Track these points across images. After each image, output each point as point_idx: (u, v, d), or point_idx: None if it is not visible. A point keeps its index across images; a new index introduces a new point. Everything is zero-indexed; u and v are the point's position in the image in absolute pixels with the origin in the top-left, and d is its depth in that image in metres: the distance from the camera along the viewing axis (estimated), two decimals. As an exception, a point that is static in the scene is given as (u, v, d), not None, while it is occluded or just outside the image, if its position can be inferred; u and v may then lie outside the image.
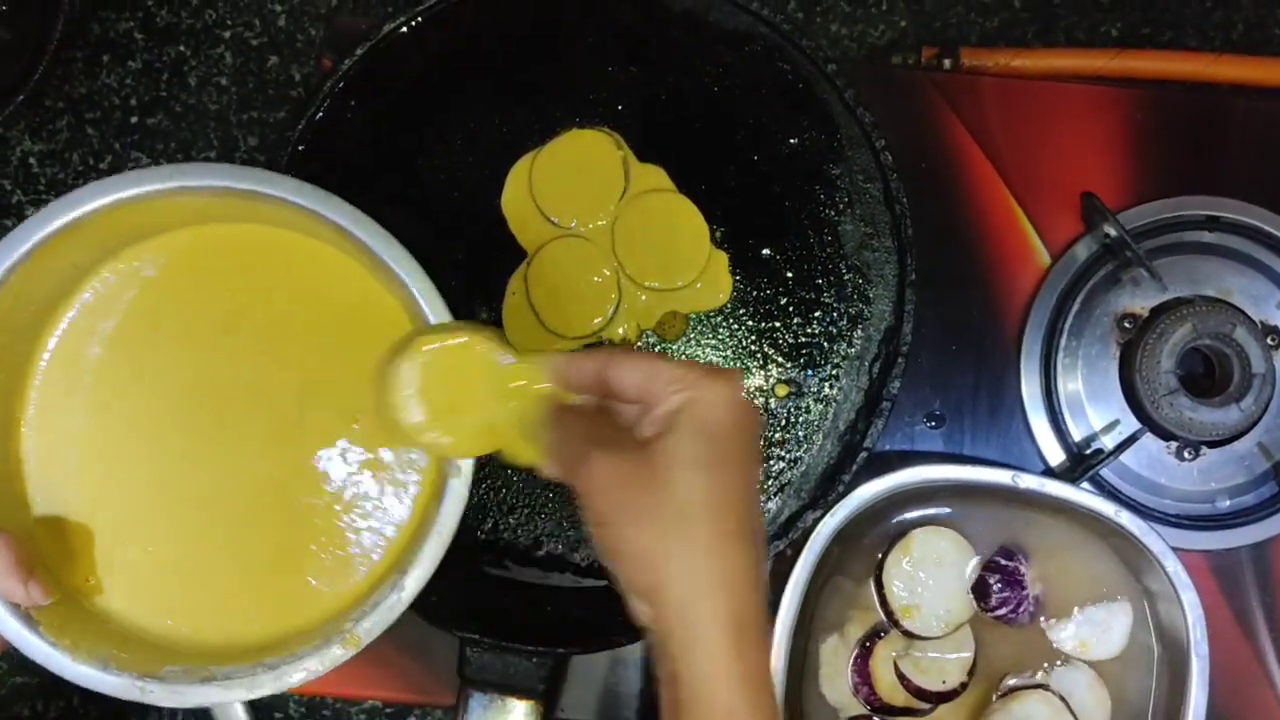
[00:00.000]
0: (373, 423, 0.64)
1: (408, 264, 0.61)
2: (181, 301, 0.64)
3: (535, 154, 0.73)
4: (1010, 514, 0.73)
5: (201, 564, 0.63)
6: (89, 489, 0.63)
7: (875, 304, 0.73)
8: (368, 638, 0.60)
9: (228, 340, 0.64)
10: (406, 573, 0.61)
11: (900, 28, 0.83)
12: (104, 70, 0.81)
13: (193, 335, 0.64)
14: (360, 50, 0.72)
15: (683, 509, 0.48)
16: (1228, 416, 0.73)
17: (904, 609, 0.71)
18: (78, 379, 0.63)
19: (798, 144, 0.73)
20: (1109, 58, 0.80)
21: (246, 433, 0.64)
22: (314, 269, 0.64)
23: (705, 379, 0.50)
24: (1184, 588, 0.68)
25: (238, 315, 0.64)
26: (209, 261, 0.64)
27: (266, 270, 0.64)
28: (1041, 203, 0.78)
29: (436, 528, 0.61)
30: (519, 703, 0.68)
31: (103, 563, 0.63)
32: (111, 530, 0.63)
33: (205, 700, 0.60)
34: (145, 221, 0.62)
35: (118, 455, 0.63)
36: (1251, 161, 0.78)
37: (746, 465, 0.50)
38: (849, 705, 0.72)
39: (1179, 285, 0.77)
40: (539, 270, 0.72)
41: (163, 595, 0.63)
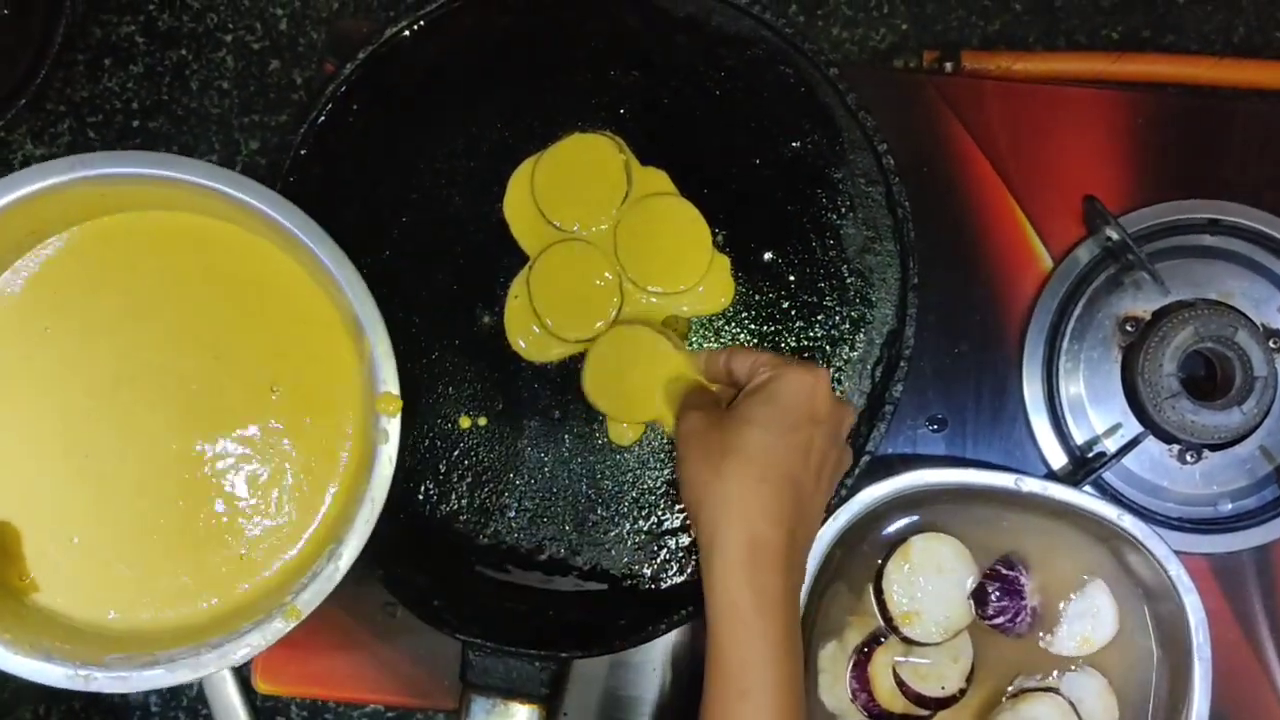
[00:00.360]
0: (292, 391, 0.66)
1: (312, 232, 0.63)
2: (87, 290, 0.65)
3: (537, 158, 0.73)
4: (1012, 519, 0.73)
5: (133, 551, 0.65)
6: (9, 486, 0.64)
7: (877, 308, 0.73)
8: (307, 608, 0.61)
9: (138, 324, 0.66)
10: (342, 541, 0.62)
11: (902, 31, 0.83)
12: (106, 74, 0.81)
13: (101, 322, 0.65)
14: (362, 54, 0.72)
15: (727, 450, 0.61)
16: (1230, 419, 0.73)
17: (903, 615, 0.71)
18: None
19: (800, 148, 0.73)
20: (1110, 61, 0.80)
21: (164, 414, 0.65)
22: (219, 248, 0.66)
23: (788, 365, 0.64)
24: (1186, 591, 0.68)
25: (145, 298, 0.66)
26: (114, 248, 0.66)
27: (171, 253, 0.66)
28: (1043, 206, 0.78)
29: (369, 494, 0.62)
30: (521, 707, 0.68)
31: (34, 560, 0.64)
32: (38, 526, 0.64)
33: (150, 684, 0.61)
34: (54, 215, 0.64)
35: (35, 450, 0.65)
36: (1253, 164, 0.78)
37: (798, 434, 0.61)
38: (848, 712, 0.72)
39: (1181, 288, 0.77)
40: (541, 274, 0.72)
41: (99, 587, 0.64)
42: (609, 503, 0.72)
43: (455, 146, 0.73)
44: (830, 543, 0.69)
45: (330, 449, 0.66)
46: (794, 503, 0.61)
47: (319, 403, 0.66)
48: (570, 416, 0.73)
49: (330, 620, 0.75)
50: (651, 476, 0.72)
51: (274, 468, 0.66)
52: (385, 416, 0.63)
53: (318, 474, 0.66)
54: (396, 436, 0.63)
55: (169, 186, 0.62)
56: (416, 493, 0.72)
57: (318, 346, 0.66)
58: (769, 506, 0.60)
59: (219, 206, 0.64)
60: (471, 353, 0.73)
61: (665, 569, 0.72)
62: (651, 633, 0.70)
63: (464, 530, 0.72)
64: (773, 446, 0.61)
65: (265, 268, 0.66)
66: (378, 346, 0.64)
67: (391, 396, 0.64)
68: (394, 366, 0.64)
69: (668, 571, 0.72)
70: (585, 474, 0.72)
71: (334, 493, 0.66)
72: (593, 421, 0.73)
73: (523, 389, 0.73)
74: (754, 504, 0.60)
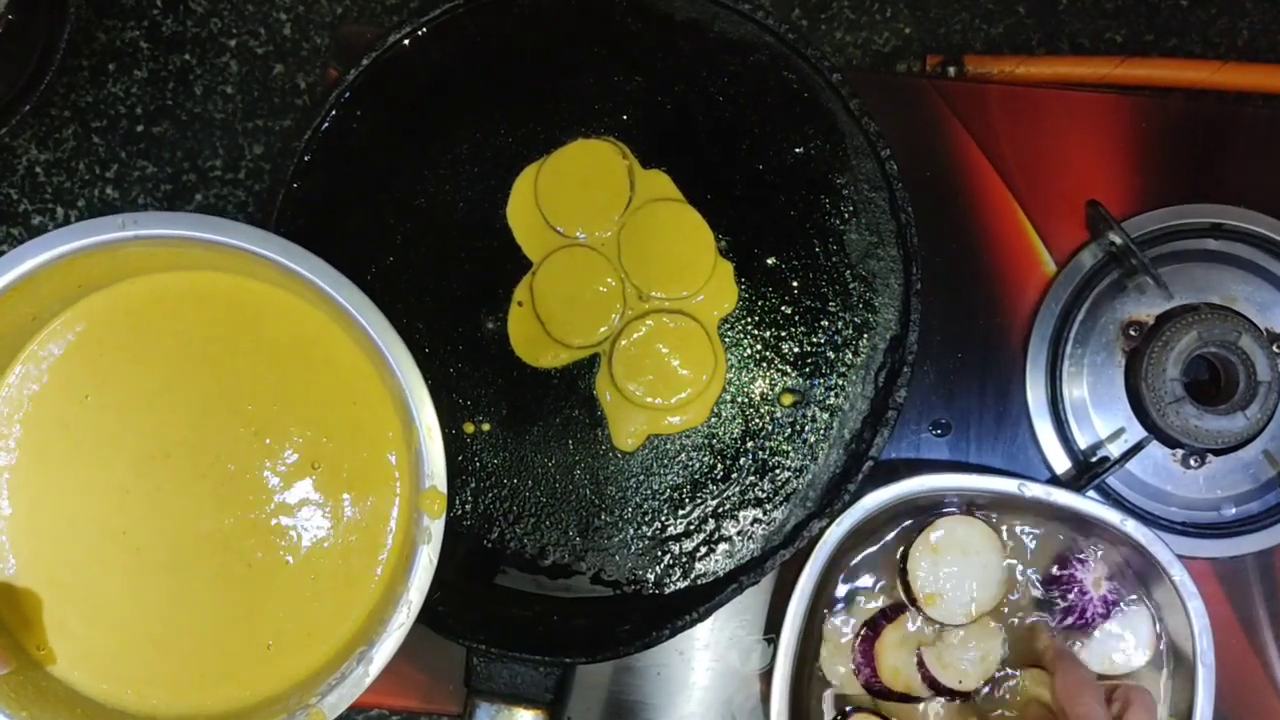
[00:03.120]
0: (333, 476, 0.62)
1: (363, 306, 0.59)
2: (130, 358, 0.62)
3: (540, 163, 0.73)
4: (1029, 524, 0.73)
5: (158, 630, 0.61)
6: (34, 552, 0.61)
7: (881, 313, 0.73)
8: (332, 713, 0.58)
9: (179, 395, 0.62)
10: (374, 644, 0.59)
11: (905, 35, 0.83)
12: (110, 79, 0.81)
13: (142, 393, 0.62)
14: (366, 60, 0.72)
15: None
16: (1233, 424, 0.73)
17: (927, 596, 0.71)
18: (12, 431, 0.61)
19: (803, 153, 0.73)
20: (1114, 65, 0.80)
21: (200, 491, 0.61)
22: (270, 315, 0.62)
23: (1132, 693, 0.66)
24: (1190, 595, 0.68)
25: (189, 368, 0.62)
26: (162, 310, 0.62)
27: (219, 320, 0.62)
28: (1047, 210, 0.78)
29: (406, 597, 0.59)
30: (525, 712, 0.69)
31: (53, 630, 0.60)
32: (62, 597, 0.61)
33: None
34: (102, 272, 0.60)
35: (64, 518, 0.61)
36: (1257, 168, 0.78)
37: None
38: (846, 685, 0.72)
39: (1184, 293, 0.76)
40: (544, 279, 0.72)
41: (119, 664, 0.61)
42: (613, 508, 0.72)
43: (459, 152, 0.73)
44: (834, 547, 0.69)
45: (370, 542, 0.62)
46: None
47: (361, 490, 0.62)
48: (574, 422, 0.73)
49: (335, 625, 0.75)
50: (655, 482, 0.72)
51: (309, 557, 0.62)
52: (428, 514, 0.59)
53: (355, 569, 0.62)
54: (440, 538, 0.59)
55: (220, 251, 0.59)
56: (420, 498, 0.72)
57: (365, 429, 0.62)
58: None
59: (271, 273, 0.60)
60: (475, 359, 0.73)
61: (669, 574, 0.72)
62: (655, 638, 0.70)
63: (468, 535, 0.72)
64: None
65: (316, 340, 0.62)
66: (425, 437, 0.59)
67: (437, 493, 0.59)
68: (443, 461, 0.59)
69: (671, 577, 0.72)
70: (589, 480, 0.72)
71: (370, 590, 0.62)
72: (596, 427, 0.73)
73: (526, 395, 0.73)
74: None
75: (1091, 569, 0.72)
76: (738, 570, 0.72)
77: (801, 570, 0.69)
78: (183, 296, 0.62)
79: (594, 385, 0.73)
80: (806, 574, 0.69)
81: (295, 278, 0.59)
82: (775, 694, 0.69)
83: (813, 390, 0.73)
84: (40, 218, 0.80)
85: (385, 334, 0.59)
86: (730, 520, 0.72)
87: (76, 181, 0.81)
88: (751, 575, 0.71)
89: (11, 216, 0.80)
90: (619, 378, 0.72)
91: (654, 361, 0.72)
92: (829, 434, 0.72)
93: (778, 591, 0.75)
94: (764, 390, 0.73)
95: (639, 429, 0.72)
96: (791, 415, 0.72)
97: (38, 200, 0.81)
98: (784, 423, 0.72)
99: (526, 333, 0.73)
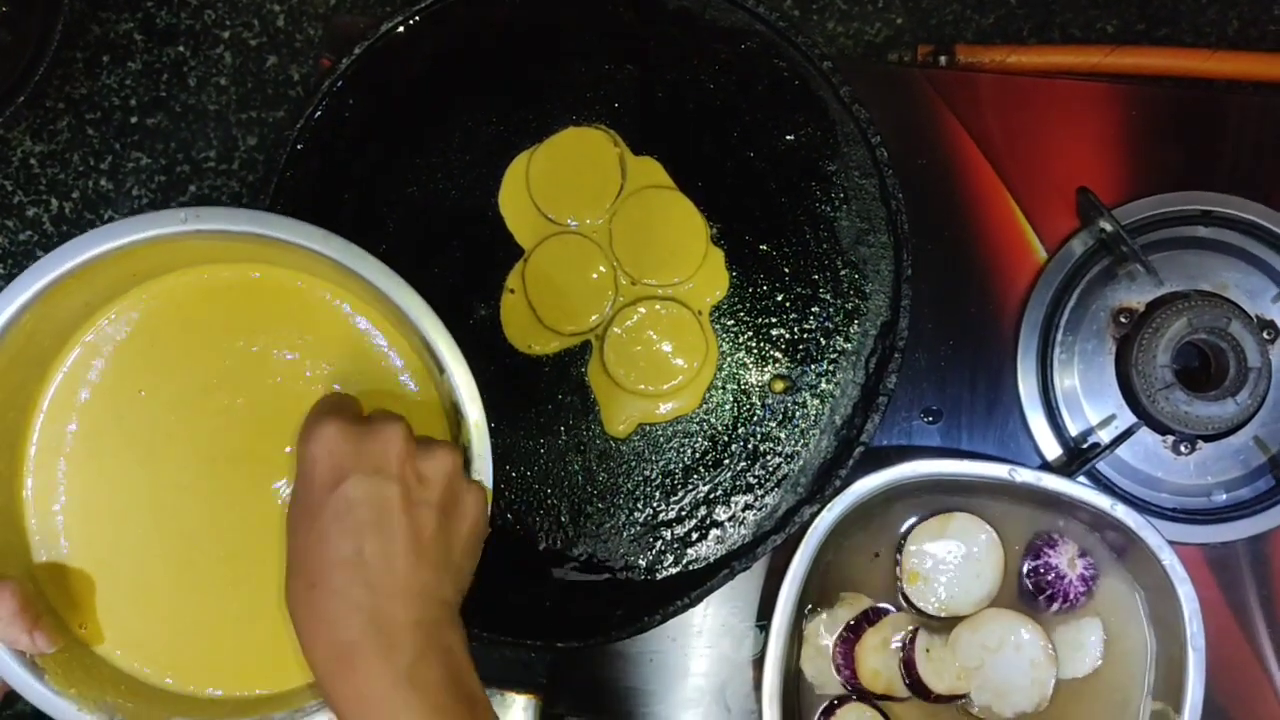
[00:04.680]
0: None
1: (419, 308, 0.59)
2: (179, 347, 0.62)
3: (532, 151, 0.73)
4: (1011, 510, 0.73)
5: (207, 618, 0.61)
6: (86, 536, 0.61)
7: (871, 299, 0.73)
8: None
9: (236, 392, 0.62)
10: None
11: (896, 25, 0.83)
12: (104, 71, 0.81)
13: (197, 389, 0.61)
14: (358, 49, 0.72)
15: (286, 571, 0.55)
16: (1224, 410, 0.73)
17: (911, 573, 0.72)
18: (72, 418, 0.61)
19: (794, 140, 0.73)
20: (1104, 54, 0.80)
21: (246, 479, 0.61)
22: (315, 310, 0.62)
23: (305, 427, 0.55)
24: (1180, 581, 0.69)
25: (245, 365, 0.62)
26: (218, 306, 0.62)
27: (274, 317, 0.62)
28: (1037, 198, 0.78)
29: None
30: (518, 697, 0.69)
31: (102, 612, 0.61)
32: (111, 582, 0.61)
33: None
34: (156, 262, 0.61)
35: (113, 503, 0.61)
36: (1246, 156, 0.79)
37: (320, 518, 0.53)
38: (827, 683, 0.72)
39: (1175, 280, 0.77)
40: (536, 267, 0.73)
41: (164, 650, 0.61)
42: (605, 494, 0.73)
43: (451, 141, 0.74)
44: (825, 533, 0.69)
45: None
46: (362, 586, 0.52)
47: None
48: (566, 409, 0.73)
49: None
50: (647, 468, 0.73)
51: None
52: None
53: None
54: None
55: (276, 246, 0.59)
56: (413, 485, 0.72)
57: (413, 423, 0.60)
58: (331, 611, 0.52)
59: (327, 270, 0.60)
60: (467, 346, 0.72)
61: (660, 560, 0.72)
62: (647, 623, 0.70)
63: (461, 522, 0.72)
64: (303, 548, 0.54)
65: (370, 339, 0.62)
66: (474, 434, 0.59)
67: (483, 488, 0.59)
68: (490, 458, 0.59)
69: (663, 563, 0.72)
70: (581, 466, 0.73)
71: None
72: (588, 414, 0.73)
73: (518, 381, 0.73)
74: (315, 617, 0.53)
75: (1062, 550, 0.72)
76: (729, 556, 0.72)
77: (793, 556, 0.69)
78: (238, 291, 0.62)
79: (586, 372, 0.73)
80: (798, 560, 0.69)
81: (353, 277, 0.59)
82: (767, 681, 0.69)
83: (804, 376, 0.73)
84: (34, 209, 0.81)
85: (439, 336, 0.59)
86: (722, 506, 0.72)
87: (71, 173, 0.81)
88: (743, 561, 0.71)
89: (6, 208, 0.80)
90: (611, 364, 0.72)
91: (646, 348, 0.72)
92: (820, 420, 0.73)
93: (770, 578, 0.75)
94: (755, 377, 0.73)
95: (631, 415, 0.73)
96: (783, 401, 0.73)
97: (32, 192, 0.81)
98: (775, 409, 0.73)
99: (519, 320, 0.73)
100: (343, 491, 0.53)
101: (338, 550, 0.53)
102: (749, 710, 0.75)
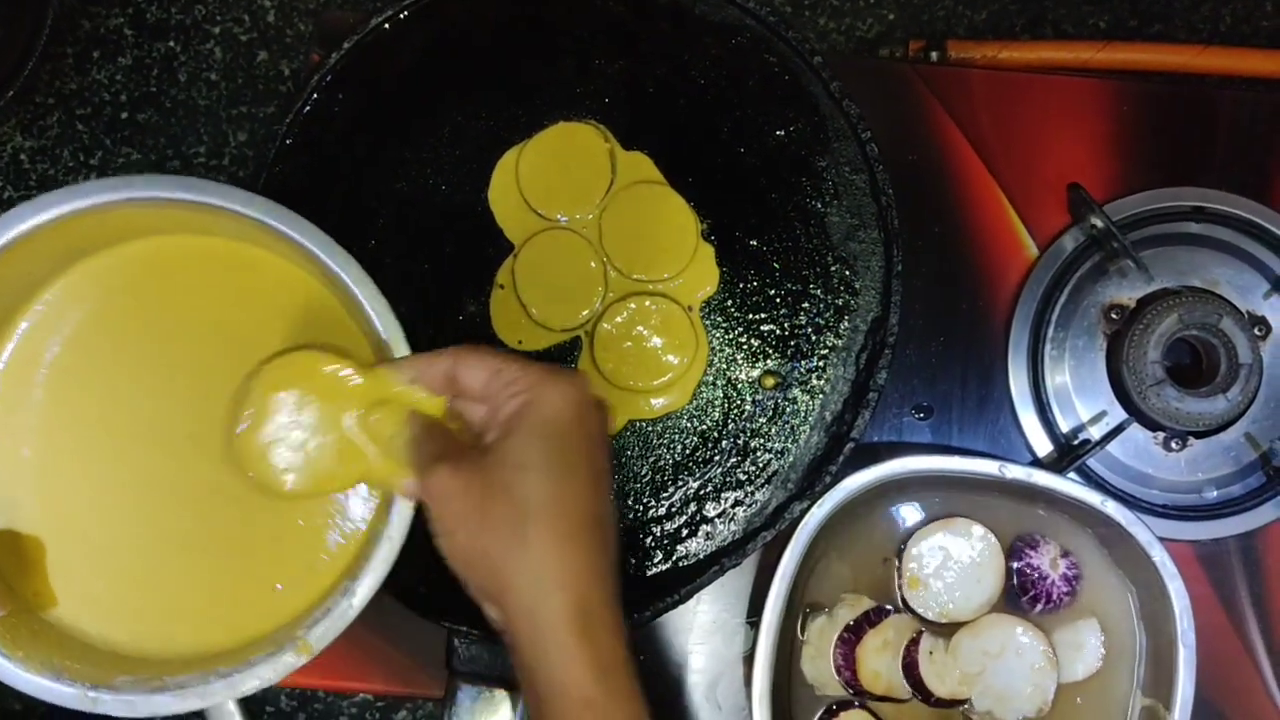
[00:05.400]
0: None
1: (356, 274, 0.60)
2: (129, 314, 0.63)
3: (522, 147, 0.73)
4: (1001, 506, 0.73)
5: (161, 572, 0.63)
6: (39, 500, 0.63)
7: (862, 295, 0.73)
8: (319, 644, 0.60)
9: (176, 349, 0.63)
10: (358, 579, 0.60)
11: (888, 20, 0.83)
12: (94, 66, 0.81)
13: (141, 345, 0.63)
14: (347, 44, 0.72)
15: (519, 513, 0.51)
16: (1214, 407, 0.73)
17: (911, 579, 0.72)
18: (28, 388, 0.63)
19: (784, 136, 0.73)
20: (1096, 50, 0.80)
21: (199, 440, 0.63)
22: (261, 277, 0.64)
23: (544, 381, 0.53)
24: (1170, 577, 0.68)
25: (186, 324, 0.64)
26: (157, 273, 0.64)
27: (213, 280, 0.64)
28: (1028, 194, 0.78)
29: (387, 534, 0.60)
30: (507, 694, 0.69)
31: (55, 575, 0.62)
32: (64, 543, 0.62)
33: (156, 709, 0.59)
34: (98, 234, 0.62)
35: (67, 467, 0.63)
36: (1238, 152, 0.78)
37: (584, 464, 0.53)
38: (828, 684, 0.72)
39: (1166, 276, 0.77)
40: (526, 263, 0.73)
41: (120, 606, 0.62)
42: (594, 490, 0.72)
43: (441, 136, 0.74)
44: (815, 529, 0.69)
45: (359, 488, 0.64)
46: (604, 548, 0.52)
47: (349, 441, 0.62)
48: (555, 405, 0.73)
49: (318, 609, 0.75)
50: (636, 465, 0.72)
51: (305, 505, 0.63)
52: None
53: (349, 508, 0.64)
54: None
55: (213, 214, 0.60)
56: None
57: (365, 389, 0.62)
58: (586, 565, 0.51)
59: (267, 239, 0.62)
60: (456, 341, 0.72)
61: (650, 557, 0.72)
62: (637, 621, 0.70)
63: (450, 518, 0.72)
64: (559, 492, 0.52)
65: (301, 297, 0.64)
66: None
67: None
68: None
69: (652, 559, 0.72)
70: (570, 462, 0.73)
71: (358, 529, 0.64)
72: (578, 409, 0.73)
73: (508, 377, 0.73)
74: (568, 570, 0.51)
75: (1044, 550, 0.72)
76: (719, 552, 0.72)
77: (783, 552, 0.69)
78: (184, 258, 0.63)
79: (576, 368, 0.73)
80: (788, 556, 0.69)
81: (285, 240, 0.60)
82: (757, 678, 0.69)
83: (794, 372, 0.73)
84: (25, 204, 0.80)
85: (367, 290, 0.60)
86: (712, 502, 0.72)
87: (61, 168, 0.81)
88: (733, 557, 0.71)
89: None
90: (601, 360, 0.72)
91: (636, 344, 0.72)
92: (810, 416, 0.72)
93: (760, 574, 0.75)
94: (746, 372, 0.73)
95: (620, 411, 0.72)
96: (773, 397, 0.73)
97: (22, 187, 0.81)
98: (765, 405, 0.73)
99: (508, 315, 0.73)
100: (596, 456, 0.53)
101: (597, 507, 0.53)
102: (739, 707, 0.75)
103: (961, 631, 0.72)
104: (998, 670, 0.71)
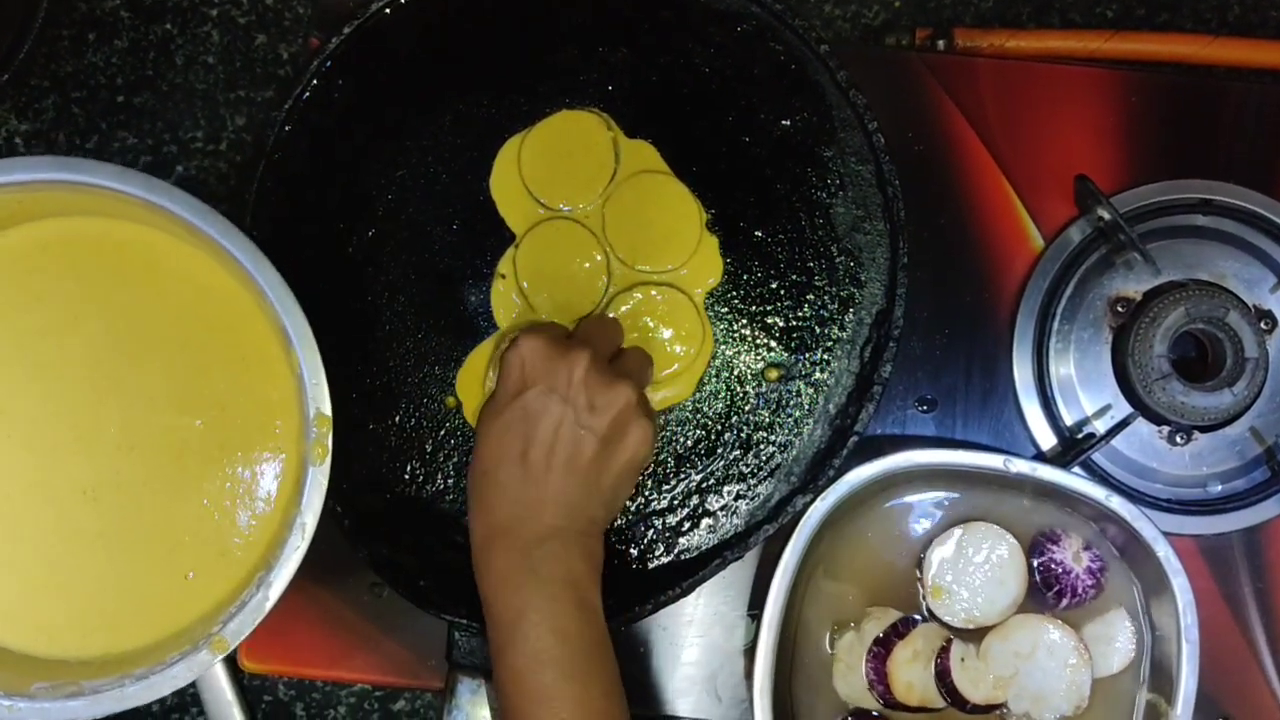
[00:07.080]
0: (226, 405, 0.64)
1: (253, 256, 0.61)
2: (30, 299, 0.63)
3: (524, 135, 0.72)
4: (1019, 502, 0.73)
5: (69, 573, 0.62)
6: None
7: (867, 287, 0.72)
8: (234, 639, 0.60)
9: (77, 339, 0.63)
10: (273, 569, 0.60)
11: (894, 9, 0.82)
12: (90, 49, 0.80)
13: (42, 334, 0.63)
14: (347, 29, 0.71)
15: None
16: (1220, 401, 0.72)
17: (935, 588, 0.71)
18: None
19: (789, 126, 0.73)
20: (1104, 39, 0.79)
21: (103, 432, 0.63)
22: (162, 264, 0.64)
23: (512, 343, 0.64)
24: (1174, 572, 0.68)
25: (88, 311, 0.63)
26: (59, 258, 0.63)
27: (114, 267, 0.64)
28: (1035, 185, 0.77)
29: (300, 520, 0.60)
30: (507, 686, 0.68)
31: None
32: None
33: (73, 714, 0.59)
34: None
35: None
36: (1246, 145, 0.78)
37: (501, 417, 0.63)
38: (863, 700, 0.71)
39: (1172, 269, 0.76)
40: (528, 253, 0.72)
41: (30, 613, 0.62)
42: (596, 483, 0.72)
43: (442, 123, 0.73)
44: (819, 523, 0.69)
45: (264, 468, 0.64)
46: (519, 483, 0.62)
47: (253, 419, 0.64)
48: (557, 396, 0.72)
49: (316, 600, 0.75)
50: (639, 456, 0.72)
51: (209, 489, 0.64)
52: (317, 432, 0.61)
53: (252, 496, 0.64)
54: (328, 458, 0.61)
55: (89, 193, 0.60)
56: (402, 472, 0.72)
57: (249, 362, 0.64)
58: (493, 499, 0.62)
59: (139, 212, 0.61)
60: (458, 332, 0.72)
61: (652, 549, 0.72)
62: (638, 613, 0.70)
63: (450, 510, 0.72)
64: (484, 437, 0.63)
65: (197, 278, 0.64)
66: (306, 362, 0.61)
67: (323, 416, 0.61)
68: (324, 384, 0.61)
69: (654, 551, 0.72)
70: (572, 454, 0.72)
71: (267, 517, 0.64)
72: (580, 401, 0.72)
73: (510, 368, 0.72)
74: (479, 503, 0.63)
75: (1066, 545, 0.71)
76: (721, 545, 0.71)
77: (785, 546, 0.69)
78: (73, 242, 0.64)
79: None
80: (790, 549, 0.69)
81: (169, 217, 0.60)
82: (758, 671, 0.68)
83: (798, 365, 0.72)
84: (19, 189, 0.80)
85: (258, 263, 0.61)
86: (714, 495, 0.72)
87: (56, 152, 0.80)
88: (735, 550, 0.71)
89: (-10, 187, 0.79)
90: (603, 351, 0.71)
91: (642, 335, 0.71)
92: (814, 409, 0.72)
93: (762, 567, 0.75)
94: (749, 365, 0.72)
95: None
96: (776, 390, 0.72)
97: (17, 171, 0.80)
98: (769, 397, 0.72)
99: (510, 306, 0.72)
100: (523, 400, 0.62)
101: (509, 448, 0.62)
102: (739, 699, 0.75)
103: (990, 635, 0.71)
104: (1031, 671, 0.71)
